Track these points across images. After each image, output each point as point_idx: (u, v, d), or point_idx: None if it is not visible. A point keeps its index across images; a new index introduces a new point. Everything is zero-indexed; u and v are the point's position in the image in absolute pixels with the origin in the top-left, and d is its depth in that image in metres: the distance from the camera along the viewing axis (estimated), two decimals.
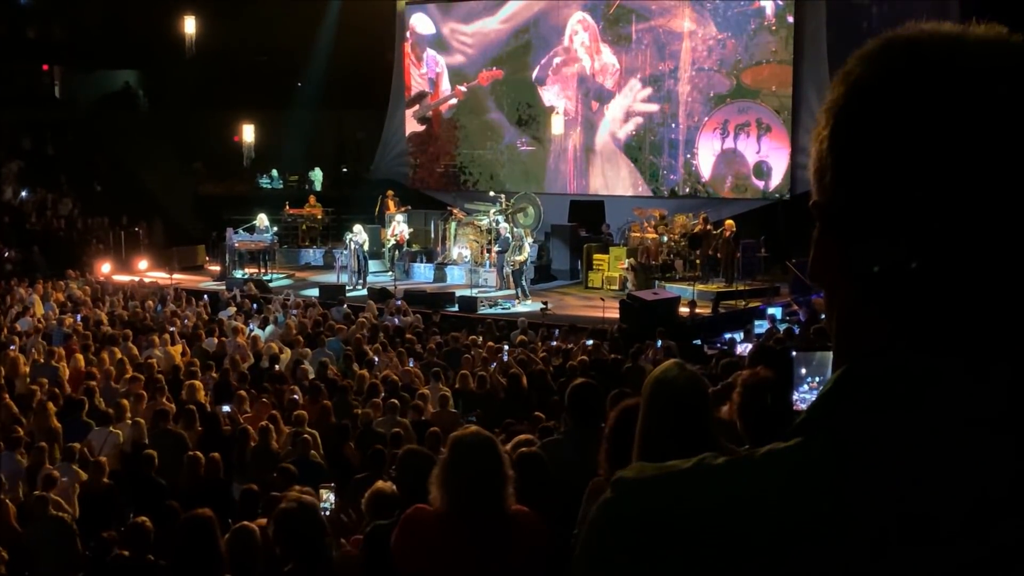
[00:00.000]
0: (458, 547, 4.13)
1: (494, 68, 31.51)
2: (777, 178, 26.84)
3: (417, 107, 33.13)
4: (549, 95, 30.55)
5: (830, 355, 1.10)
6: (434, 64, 32.80)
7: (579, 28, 30.08)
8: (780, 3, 26.71)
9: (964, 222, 0.95)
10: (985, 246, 0.95)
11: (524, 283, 22.73)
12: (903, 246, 0.97)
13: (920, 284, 0.98)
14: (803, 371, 4.40)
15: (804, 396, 4.44)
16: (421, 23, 32.89)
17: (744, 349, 14.60)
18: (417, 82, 33.18)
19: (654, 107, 29.04)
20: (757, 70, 27.33)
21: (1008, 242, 0.95)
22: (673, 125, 28.84)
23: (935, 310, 0.98)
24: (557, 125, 29.11)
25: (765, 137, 27.24)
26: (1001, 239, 0.95)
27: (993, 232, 0.95)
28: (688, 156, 28.60)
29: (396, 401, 11.95)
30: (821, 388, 1.06)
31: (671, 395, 3.34)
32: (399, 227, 25.84)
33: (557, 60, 30.41)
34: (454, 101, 32.34)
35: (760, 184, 27.26)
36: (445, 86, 32.61)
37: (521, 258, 22.74)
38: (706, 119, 28.21)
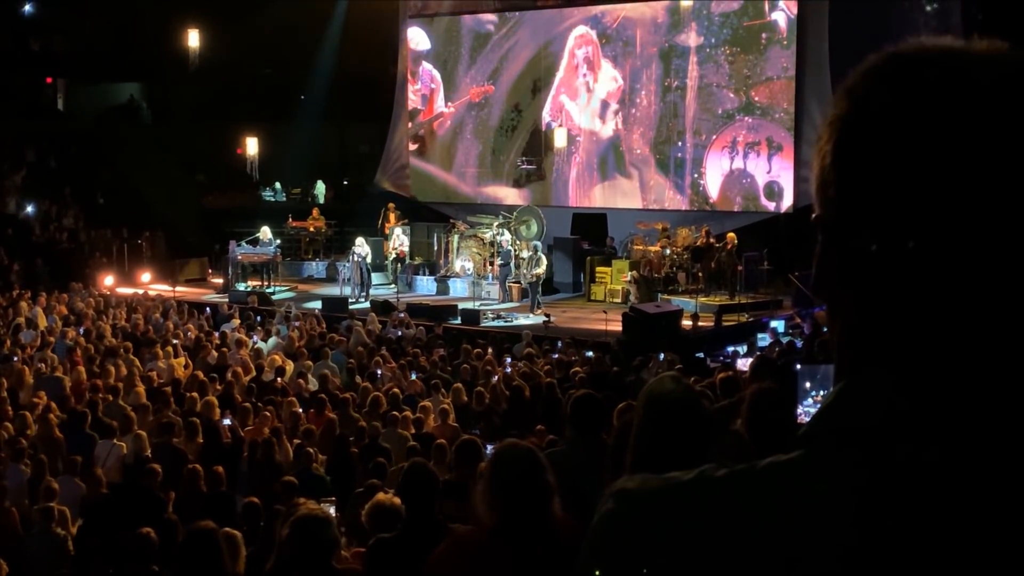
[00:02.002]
0: (513, 563, 4.09)
1: (486, 83, 31.27)
2: (789, 199, 26.13)
3: (410, 125, 32.95)
4: (550, 110, 30.22)
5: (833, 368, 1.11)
6: (429, 79, 32.54)
7: (580, 42, 29.60)
8: (792, 16, 26.07)
9: (969, 234, 0.96)
10: (993, 258, 0.96)
11: (539, 296, 22.79)
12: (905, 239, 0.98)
13: (924, 295, 0.98)
14: (807, 384, 4.39)
15: (808, 409, 4.43)
16: (417, 37, 32.71)
17: (745, 363, 14.57)
18: (411, 98, 32.91)
19: (658, 124, 28.43)
20: (768, 86, 26.56)
21: (1016, 255, 0.96)
22: (679, 143, 28.11)
23: (939, 323, 0.98)
24: (560, 138, 28.94)
25: (776, 156, 26.44)
26: (1009, 251, 0.96)
27: (1000, 244, 0.96)
28: (695, 176, 27.90)
29: (397, 414, 11.96)
30: (823, 401, 1.06)
31: (664, 408, 3.34)
32: (398, 240, 25.85)
33: (558, 76, 30.02)
34: (448, 115, 32.15)
35: (771, 205, 26.58)
36: (439, 102, 32.39)
37: (540, 271, 22.80)
38: (714, 137, 27.45)
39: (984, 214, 0.95)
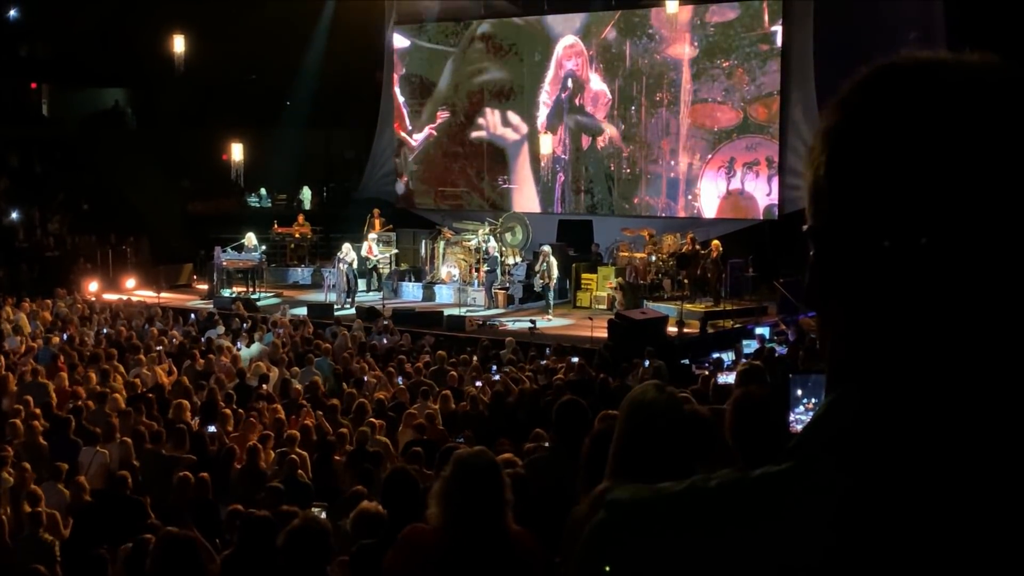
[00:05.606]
0: (456, 567, 4.10)
1: (440, 109, 31.07)
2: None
3: (403, 134, 32.66)
4: (535, 122, 29.51)
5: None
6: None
7: (569, 53, 28.72)
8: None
9: (963, 243, 0.96)
10: (987, 268, 0.96)
11: (550, 298, 23.17)
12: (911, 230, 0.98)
13: (917, 305, 0.98)
14: (799, 392, 4.39)
15: (800, 417, 4.43)
16: (399, 42, 32.39)
17: (729, 371, 14.56)
18: (400, 103, 32.60)
19: (650, 141, 27.50)
20: (768, 102, 25.69)
21: (1012, 263, 0.96)
22: (672, 162, 27.09)
23: (933, 334, 0.98)
24: (546, 144, 28.69)
25: (776, 177, 25.56)
26: (1005, 259, 0.96)
27: (996, 251, 0.96)
28: (689, 197, 26.96)
29: (383, 421, 11.94)
30: (815, 412, 1.06)
31: (646, 416, 3.34)
32: (375, 247, 25.74)
33: (544, 88, 29.28)
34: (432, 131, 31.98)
35: None
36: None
37: (553, 275, 23.01)
38: (710, 156, 26.48)
39: (980, 226, 0.96)
